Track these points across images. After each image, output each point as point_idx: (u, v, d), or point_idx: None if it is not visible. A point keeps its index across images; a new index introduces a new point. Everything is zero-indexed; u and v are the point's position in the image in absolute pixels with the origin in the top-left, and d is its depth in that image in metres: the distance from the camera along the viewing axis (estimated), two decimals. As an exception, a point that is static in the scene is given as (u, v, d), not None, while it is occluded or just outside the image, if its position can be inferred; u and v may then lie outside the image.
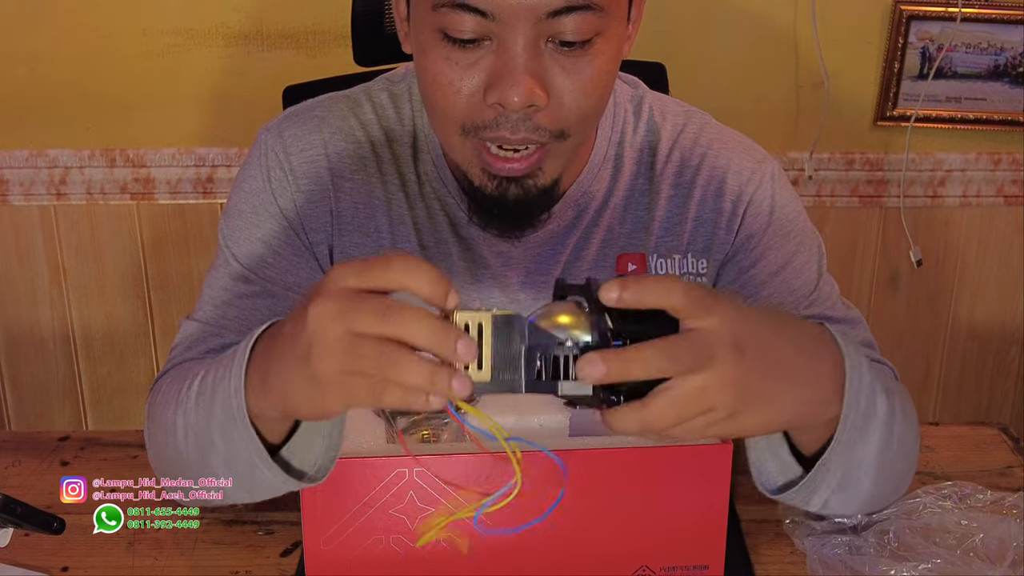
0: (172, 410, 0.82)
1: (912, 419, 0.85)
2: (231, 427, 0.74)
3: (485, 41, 0.81)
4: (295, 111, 1.01)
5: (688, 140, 1.00)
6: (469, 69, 0.82)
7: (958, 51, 1.75)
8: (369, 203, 0.98)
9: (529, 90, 0.80)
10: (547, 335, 0.63)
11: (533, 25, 0.79)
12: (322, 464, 0.76)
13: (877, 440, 0.78)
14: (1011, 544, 0.86)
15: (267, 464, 0.74)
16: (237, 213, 0.98)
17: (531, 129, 0.83)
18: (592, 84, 0.84)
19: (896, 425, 0.80)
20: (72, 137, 1.78)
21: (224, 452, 0.77)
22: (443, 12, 0.80)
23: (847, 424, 0.74)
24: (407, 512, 0.78)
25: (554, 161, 0.87)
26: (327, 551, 0.79)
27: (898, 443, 0.81)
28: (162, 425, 0.84)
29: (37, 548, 0.92)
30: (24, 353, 1.91)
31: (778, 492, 0.80)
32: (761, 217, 0.98)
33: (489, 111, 0.83)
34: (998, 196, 1.88)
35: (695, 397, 0.63)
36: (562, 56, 0.82)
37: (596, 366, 0.61)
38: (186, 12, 1.71)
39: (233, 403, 0.73)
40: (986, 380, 2.01)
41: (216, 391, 0.76)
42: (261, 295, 0.96)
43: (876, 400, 0.77)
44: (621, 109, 1.00)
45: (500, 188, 0.87)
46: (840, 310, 0.99)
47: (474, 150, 0.86)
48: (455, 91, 0.83)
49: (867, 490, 0.82)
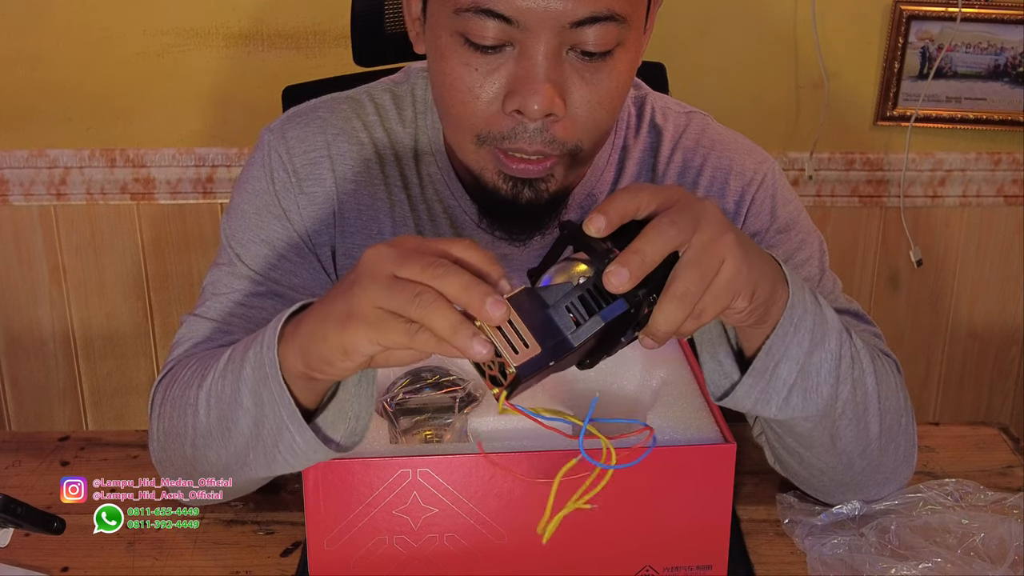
0: (195, 388, 0.81)
1: (890, 378, 0.87)
2: (262, 387, 0.73)
3: (507, 48, 0.81)
4: (298, 112, 1.01)
5: (690, 141, 1.00)
6: (489, 76, 0.82)
7: (958, 51, 1.76)
8: (372, 205, 0.98)
9: (549, 98, 0.80)
10: (562, 286, 0.66)
11: (556, 34, 0.79)
12: (352, 429, 0.76)
13: (835, 347, 0.79)
14: (1012, 544, 0.86)
15: (297, 425, 0.73)
16: (240, 214, 0.98)
17: (547, 142, 0.83)
18: (609, 96, 0.84)
19: (861, 353, 0.82)
20: (72, 137, 1.78)
21: (254, 415, 0.75)
22: (466, 17, 0.80)
23: (793, 314, 0.76)
24: (410, 512, 0.78)
25: (566, 172, 0.88)
26: (330, 551, 0.79)
27: (867, 373, 0.82)
28: (178, 408, 0.83)
29: (37, 548, 0.92)
30: (24, 353, 1.91)
31: (729, 391, 0.79)
32: (763, 217, 0.99)
33: (507, 121, 0.83)
34: (998, 196, 1.88)
35: (708, 251, 0.67)
36: (582, 66, 0.82)
37: (618, 272, 0.64)
38: (186, 12, 1.71)
39: (266, 358, 0.73)
40: (986, 380, 2.01)
41: (247, 354, 0.75)
42: (267, 295, 0.96)
43: (825, 313, 0.79)
44: (625, 112, 1.01)
45: (514, 190, 0.87)
46: (843, 305, 0.99)
47: (490, 155, 0.86)
48: (474, 97, 0.83)
49: (833, 404, 0.81)
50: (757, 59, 1.77)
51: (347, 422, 0.75)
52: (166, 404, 0.87)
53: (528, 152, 0.84)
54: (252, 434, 0.77)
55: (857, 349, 0.82)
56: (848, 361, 0.81)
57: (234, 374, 0.77)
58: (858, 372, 0.82)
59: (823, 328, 0.78)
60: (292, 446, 0.74)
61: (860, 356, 0.83)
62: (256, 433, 0.76)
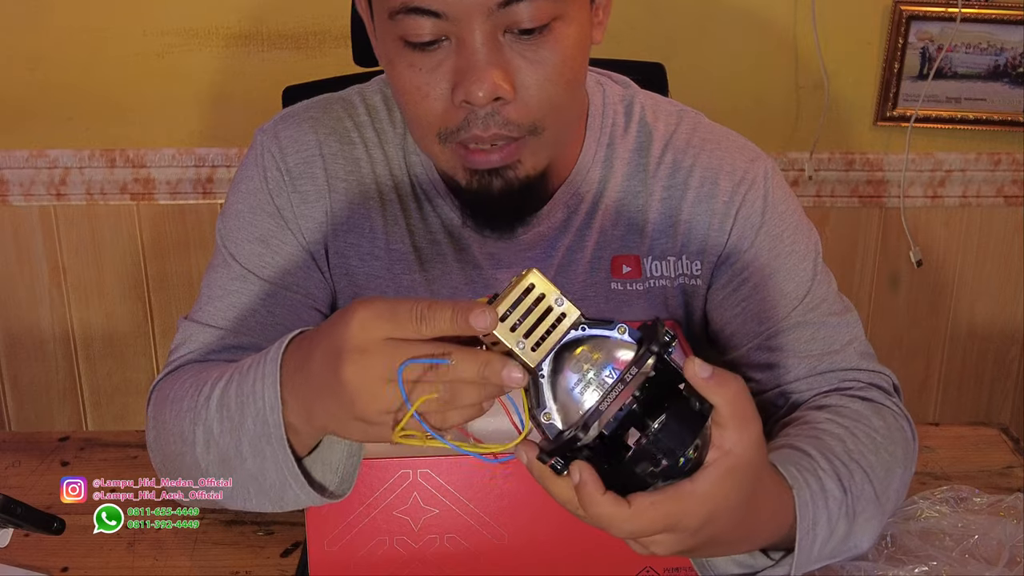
0: (189, 420, 0.81)
1: (891, 461, 0.86)
2: (264, 444, 0.74)
3: (444, 42, 0.82)
4: (290, 112, 1.01)
5: (681, 140, 0.99)
6: (434, 72, 0.83)
7: (958, 51, 1.76)
8: (364, 204, 0.98)
9: (492, 83, 0.80)
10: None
11: (487, 18, 0.79)
12: (345, 471, 0.77)
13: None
14: (1008, 545, 0.86)
15: (300, 484, 0.74)
16: (235, 213, 0.98)
17: (501, 124, 0.83)
18: (557, 71, 0.83)
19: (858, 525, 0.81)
20: (72, 137, 1.78)
21: (252, 467, 0.76)
22: (399, 19, 0.81)
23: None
24: (411, 513, 0.78)
25: (533, 155, 0.87)
26: (331, 552, 0.79)
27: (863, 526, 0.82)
28: (176, 434, 0.83)
29: (37, 548, 0.92)
30: (24, 353, 1.91)
31: None
32: (754, 218, 0.97)
33: (459, 112, 0.83)
34: (998, 196, 1.88)
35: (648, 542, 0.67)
36: (522, 46, 0.82)
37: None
38: (186, 12, 1.71)
39: (270, 420, 0.73)
40: (986, 380, 2.01)
41: (245, 407, 0.75)
42: (260, 295, 0.96)
43: (831, 535, 0.79)
44: (611, 110, 1.00)
45: (483, 182, 0.87)
46: (835, 307, 0.98)
47: (454, 153, 0.87)
48: (424, 96, 0.84)
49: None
50: (757, 59, 1.77)
51: (336, 475, 0.77)
52: (163, 422, 0.87)
53: (485, 139, 0.84)
54: (255, 480, 0.77)
55: (854, 501, 0.81)
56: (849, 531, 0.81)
57: (234, 423, 0.77)
58: (861, 523, 0.82)
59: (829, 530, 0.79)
60: (296, 500, 0.76)
61: (860, 504, 0.82)
62: (260, 485, 0.77)
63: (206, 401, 0.80)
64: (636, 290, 0.99)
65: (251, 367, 0.76)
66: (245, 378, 0.76)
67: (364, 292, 1.00)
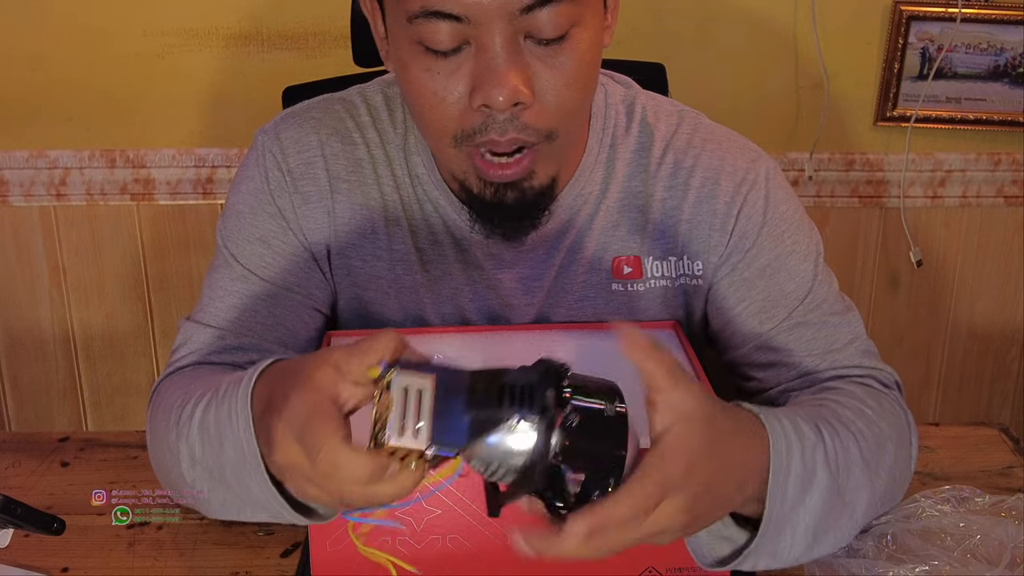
0: (175, 435, 0.81)
1: (883, 442, 0.84)
2: (244, 473, 0.74)
3: (464, 47, 0.81)
4: (291, 113, 1.01)
5: (682, 141, 0.99)
6: (451, 77, 0.82)
7: (958, 51, 1.76)
8: (366, 204, 0.98)
9: (513, 88, 0.80)
10: (493, 414, 0.61)
11: (508, 23, 0.79)
12: None
13: (817, 508, 0.76)
14: (1009, 545, 0.86)
15: (287, 509, 0.74)
16: (235, 214, 0.98)
17: (519, 129, 0.83)
18: (574, 76, 0.83)
19: (849, 484, 0.79)
20: (72, 138, 1.78)
21: (238, 492, 0.76)
22: (418, 23, 0.80)
23: (768, 526, 0.73)
24: (412, 514, 0.78)
25: (546, 163, 0.87)
26: (332, 552, 0.79)
27: (855, 493, 0.80)
28: (165, 447, 0.83)
29: (37, 548, 0.92)
30: (24, 353, 1.91)
31: (719, 564, 0.77)
32: (755, 218, 0.97)
33: (477, 116, 0.83)
34: (998, 196, 1.88)
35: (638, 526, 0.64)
36: (542, 51, 0.82)
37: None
38: (186, 13, 1.71)
39: (247, 451, 0.72)
40: (986, 380, 2.01)
41: (224, 434, 0.75)
42: (261, 295, 0.96)
43: (812, 480, 0.75)
44: (612, 110, 1.00)
45: (498, 194, 0.87)
46: (836, 307, 0.98)
47: (468, 159, 0.86)
48: (440, 101, 0.83)
49: (818, 539, 0.78)
50: (757, 59, 1.77)
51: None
52: (155, 429, 0.87)
53: (502, 144, 0.83)
54: (242, 502, 0.77)
55: (840, 459, 0.79)
56: (834, 494, 0.77)
57: (214, 448, 0.76)
58: (850, 485, 0.79)
59: (807, 483, 0.75)
60: (293, 518, 0.75)
61: (847, 467, 0.79)
62: (246, 503, 0.77)
63: (188, 419, 0.80)
64: (637, 291, 0.99)
65: (226, 393, 0.75)
66: (221, 405, 0.76)
67: (366, 292, 1.00)
